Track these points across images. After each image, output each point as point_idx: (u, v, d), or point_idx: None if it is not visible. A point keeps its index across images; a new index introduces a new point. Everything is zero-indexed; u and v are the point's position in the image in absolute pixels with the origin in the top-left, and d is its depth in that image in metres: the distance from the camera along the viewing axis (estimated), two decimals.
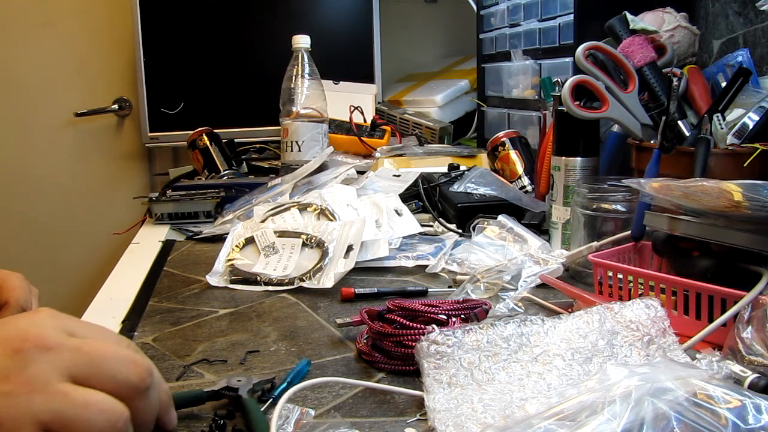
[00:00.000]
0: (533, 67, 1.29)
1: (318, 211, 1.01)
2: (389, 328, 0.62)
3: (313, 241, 0.91)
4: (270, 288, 0.85)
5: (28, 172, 1.87)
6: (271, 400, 0.55)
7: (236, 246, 0.92)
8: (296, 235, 0.92)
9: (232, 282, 0.87)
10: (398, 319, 0.62)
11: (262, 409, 0.53)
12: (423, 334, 0.56)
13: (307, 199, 1.06)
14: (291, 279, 0.85)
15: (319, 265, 0.86)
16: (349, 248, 0.88)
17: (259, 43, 1.78)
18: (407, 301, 0.64)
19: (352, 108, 1.54)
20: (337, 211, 1.00)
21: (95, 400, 0.37)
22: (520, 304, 0.75)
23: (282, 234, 0.93)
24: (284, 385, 0.56)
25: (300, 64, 1.38)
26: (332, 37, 1.76)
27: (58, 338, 0.38)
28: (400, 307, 0.64)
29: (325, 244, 0.89)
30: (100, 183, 1.95)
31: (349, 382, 0.58)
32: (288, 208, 1.02)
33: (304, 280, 0.85)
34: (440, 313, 0.62)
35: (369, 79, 1.77)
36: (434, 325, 0.59)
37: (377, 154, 1.42)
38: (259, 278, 0.86)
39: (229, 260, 0.90)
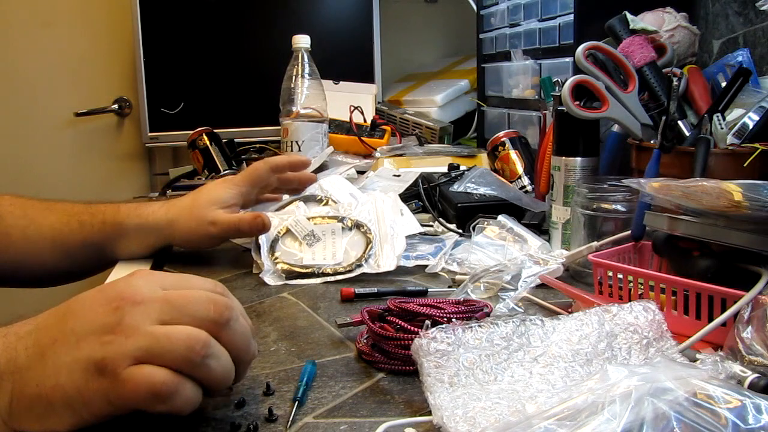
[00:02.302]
0: (533, 67, 1.29)
1: (323, 202, 1.01)
2: (390, 330, 0.62)
3: (350, 223, 0.90)
4: (329, 279, 0.85)
5: (28, 172, 1.87)
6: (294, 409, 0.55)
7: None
8: (332, 219, 0.91)
9: (288, 278, 0.86)
10: (398, 321, 0.62)
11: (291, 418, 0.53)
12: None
13: (308, 191, 1.06)
14: (347, 266, 0.85)
15: (369, 248, 0.86)
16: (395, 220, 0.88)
17: (259, 43, 1.78)
18: (408, 302, 0.64)
19: (352, 108, 1.54)
20: (341, 200, 1.00)
21: (176, 331, 0.46)
22: (520, 304, 0.75)
23: (316, 220, 0.92)
24: (302, 390, 0.56)
25: (300, 64, 1.38)
26: (332, 37, 1.76)
27: (149, 293, 0.47)
28: (400, 307, 0.64)
29: (364, 225, 0.88)
30: (100, 183, 1.95)
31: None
32: (291, 202, 1.02)
33: (362, 265, 0.84)
34: (442, 316, 0.62)
35: (369, 79, 1.77)
36: (428, 322, 0.59)
37: (377, 154, 1.42)
38: (315, 271, 0.85)
39: (275, 256, 0.89)
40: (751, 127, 0.82)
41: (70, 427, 0.46)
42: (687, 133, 0.88)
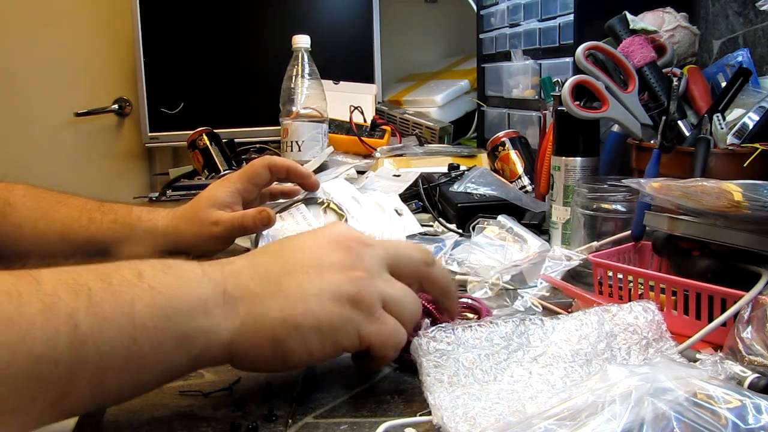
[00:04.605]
0: (533, 67, 1.29)
1: (325, 205, 1.01)
2: None
3: None
4: None
5: (28, 172, 1.86)
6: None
7: None
8: None
9: None
10: None
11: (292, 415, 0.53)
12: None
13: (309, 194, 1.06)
14: None
15: None
16: None
17: (259, 43, 1.78)
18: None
19: (352, 108, 1.54)
20: (344, 204, 1.00)
21: (408, 290, 0.52)
22: (537, 303, 0.76)
23: None
24: (302, 390, 0.56)
25: (300, 64, 1.38)
26: (332, 37, 1.76)
27: (370, 238, 0.52)
28: None
29: None
30: (100, 183, 1.95)
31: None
32: (292, 204, 1.02)
33: None
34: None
35: (369, 79, 1.77)
36: (427, 321, 0.60)
37: (377, 154, 1.42)
38: None
39: None
40: (751, 127, 0.82)
41: (309, 354, 0.48)
42: (687, 133, 0.88)
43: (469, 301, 0.71)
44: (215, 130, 1.59)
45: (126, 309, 0.42)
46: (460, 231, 1.04)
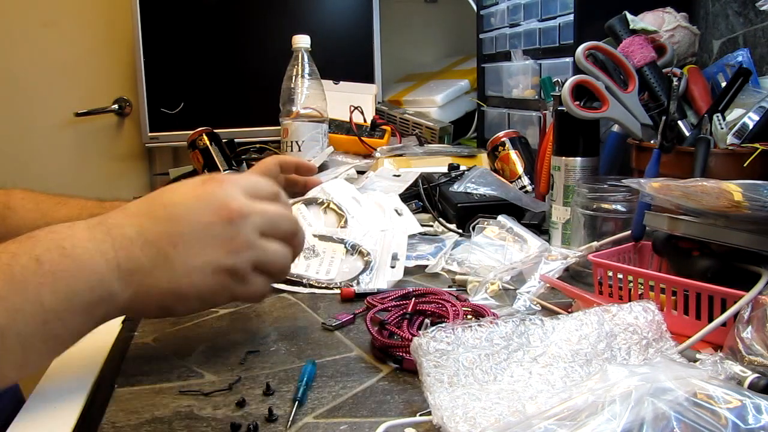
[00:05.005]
0: (533, 67, 1.29)
1: (325, 205, 1.01)
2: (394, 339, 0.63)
3: (354, 249, 0.91)
4: (315, 291, 0.84)
5: (28, 172, 1.87)
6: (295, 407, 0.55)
7: None
8: (337, 241, 0.92)
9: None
10: (397, 331, 0.63)
11: (291, 418, 0.53)
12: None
13: (310, 194, 1.06)
14: (338, 283, 0.84)
15: (365, 270, 0.87)
16: (394, 257, 0.89)
17: (259, 43, 1.78)
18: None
19: (352, 108, 1.54)
20: (344, 204, 1.00)
21: (279, 248, 0.59)
22: (536, 302, 0.75)
23: (322, 238, 0.93)
24: (302, 390, 0.56)
25: (300, 64, 1.38)
26: (332, 37, 1.76)
27: (250, 206, 0.57)
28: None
29: (368, 253, 0.90)
30: (100, 183, 1.95)
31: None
32: (293, 203, 1.02)
33: (352, 285, 0.84)
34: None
35: (369, 79, 1.77)
36: (427, 321, 0.60)
37: (377, 154, 1.42)
38: (305, 281, 0.85)
39: None
40: (751, 127, 0.82)
41: (190, 312, 0.59)
42: (687, 133, 0.88)
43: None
44: (215, 130, 1.59)
45: (33, 297, 0.49)
46: (460, 231, 1.05)
